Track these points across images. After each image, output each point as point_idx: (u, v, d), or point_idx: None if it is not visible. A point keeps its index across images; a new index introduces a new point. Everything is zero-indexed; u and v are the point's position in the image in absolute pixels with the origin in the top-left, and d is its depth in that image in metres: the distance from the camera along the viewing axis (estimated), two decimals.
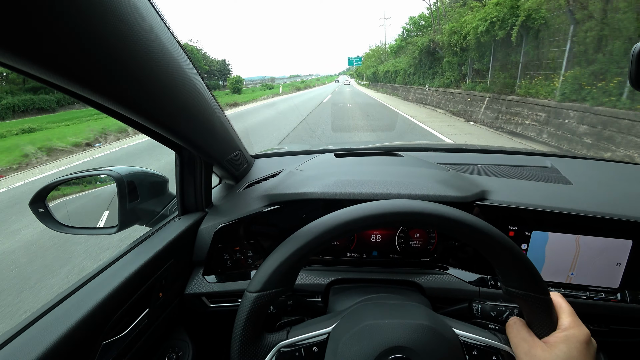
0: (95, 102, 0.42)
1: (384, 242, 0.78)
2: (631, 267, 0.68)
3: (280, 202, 0.78)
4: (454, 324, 0.47)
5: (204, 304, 0.75)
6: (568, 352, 0.39)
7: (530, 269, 0.42)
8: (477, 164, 1.01)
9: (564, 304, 0.44)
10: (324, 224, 0.43)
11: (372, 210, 0.43)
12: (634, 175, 0.98)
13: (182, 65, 0.50)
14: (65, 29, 0.30)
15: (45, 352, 0.40)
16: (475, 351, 0.44)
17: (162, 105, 0.49)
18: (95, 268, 0.58)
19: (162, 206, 0.86)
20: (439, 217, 0.42)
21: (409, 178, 0.78)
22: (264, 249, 0.80)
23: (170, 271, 0.68)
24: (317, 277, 0.74)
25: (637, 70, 0.68)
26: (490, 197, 0.74)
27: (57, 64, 0.32)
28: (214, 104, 0.66)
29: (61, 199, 0.79)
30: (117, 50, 0.36)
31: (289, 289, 0.45)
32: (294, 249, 0.43)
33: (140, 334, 0.58)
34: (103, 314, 0.49)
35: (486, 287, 0.72)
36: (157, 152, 6.13)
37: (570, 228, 0.69)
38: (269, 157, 1.16)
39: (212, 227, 0.77)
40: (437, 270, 0.76)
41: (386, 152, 1.09)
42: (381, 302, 0.53)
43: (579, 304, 0.69)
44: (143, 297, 0.60)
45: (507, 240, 0.41)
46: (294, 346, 0.45)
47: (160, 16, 0.45)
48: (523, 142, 6.70)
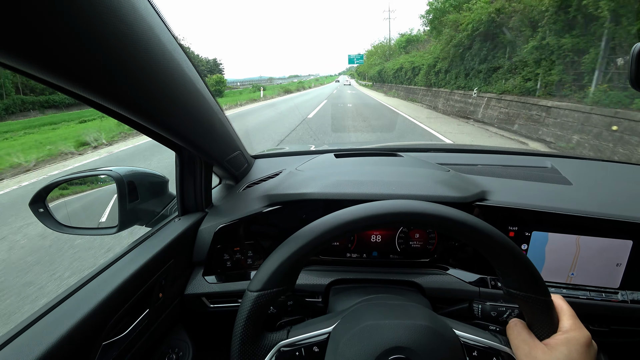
0: (95, 103, 0.42)
1: (384, 243, 0.77)
2: (631, 267, 0.68)
3: (280, 203, 0.78)
4: (454, 325, 0.47)
5: (204, 304, 0.75)
6: (568, 355, 0.39)
7: (531, 270, 0.42)
8: (477, 165, 1.01)
9: (564, 306, 0.44)
10: (325, 223, 0.43)
11: (372, 211, 0.43)
12: (634, 176, 0.98)
13: (182, 66, 0.50)
14: (65, 29, 0.30)
15: (45, 352, 0.40)
16: (475, 352, 0.44)
17: (162, 105, 0.49)
18: (95, 268, 0.58)
19: (162, 206, 0.86)
20: (439, 218, 0.42)
21: (409, 178, 0.78)
22: (264, 250, 0.80)
23: (170, 271, 0.68)
24: (317, 278, 0.74)
25: (637, 71, 0.68)
26: (491, 198, 0.74)
27: (56, 64, 0.32)
28: (213, 104, 0.66)
29: (61, 199, 0.80)
30: (117, 50, 0.36)
31: (289, 288, 0.45)
32: (295, 249, 0.43)
33: (140, 335, 0.58)
34: (103, 315, 0.49)
35: (486, 287, 0.72)
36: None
37: (571, 228, 0.69)
38: (269, 158, 1.16)
39: (212, 227, 0.77)
40: (437, 270, 0.76)
41: (386, 152, 1.09)
42: (381, 303, 0.53)
43: (579, 304, 0.69)
44: (143, 298, 0.60)
45: (508, 241, 0.41)
46: (294, 346, 0.45)
47: (160, 16, 0.45)
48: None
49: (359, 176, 0.78)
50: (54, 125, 14.83)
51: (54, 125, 14.57)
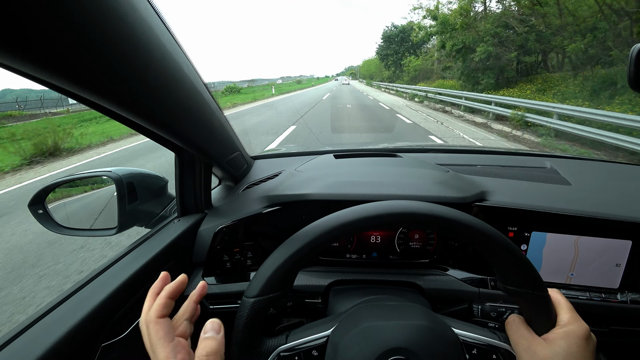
0: (95, 103, 0.42)
1: (383, 243, 0.77)
2: (631, 267, 0.68)
3: (280, 203, 0.78)
4: (453, 324, 0.47)
5: (203, 305, 0.75)
6: (567, 348, 0.39)
7: (528, 267, 0.42)
8: (476, 165, 1.01)
9: (562, 299, 0.44)
10: (321, 226, 0.43)
11: (371, 212, 0.43)
12: (633, 176, 0.99)
13: (181, 66, 0.50)
14: (65, 29, 0.30)
15: (44, 354, 0.40)
16: (475, 350, 0.44)
17: (162, 106, 0.49)
18: (94, 269, 0.58)
19: (161, 207, 0.86)
20: (439, 218, 0.42)
21: (408, 179, 0.78)
22: (264, 250, 0.80)
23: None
24: (316, 279, 0.74)
25: (636, 72, 0.68)
26: (490, 198, 0.74)
27: (56, 64, 0.32)
28: (213, 105, 0.66)
29: (61, 201, 0.79)
30: (116, 50, 0.36)
31: (287, 292, 0.45)
32: (291, 253, 0.43)
33: (140, 336, 0.58)
34: (102, 316, 0.49)
35: (486, 288, 0.72)
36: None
37: (570, 229, 0.69)
38: (268, 158, 1.16)
39: (212, 228, 0.77)
40: (437, 271, 0.76)
41: (385, 153, 1.09)
42: (380, 304, 0.53)
43: (578, 304, 0.69)
44: (143, 299, 0.59)
45: (504, 239, 0.42)
46: (293, 350, 0.45)
47: (160, 17, 0.45)
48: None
49: (358, 177, 0.78)
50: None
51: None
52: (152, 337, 0.37)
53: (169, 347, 0.36)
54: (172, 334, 0.38)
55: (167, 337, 0.37)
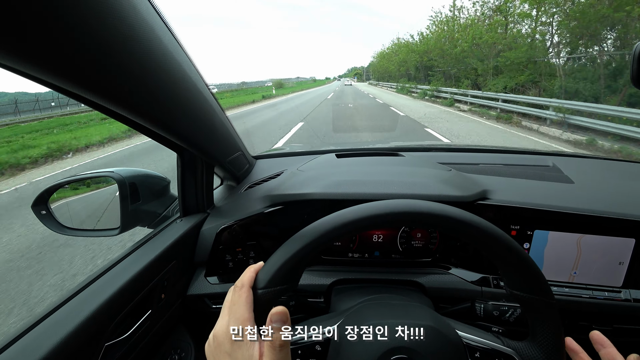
0: (97, 104, 0.42)
1: (386, 242, 0.77)
2: (634, 265, 0.68)
3: (282, 203, 0.78)
4: (457, 326, 0.47)
5: (206, 304, 0.75)
6: None
7: (535, 272, 0.41)
8: (478, 164, 1.00)
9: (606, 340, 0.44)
10: (329, 222, 0.43)
11: (376, 210, 0.43)
12: (636, 174, 0.98)
13: (183, 66, 0.51)
14: (66, 30, 0.30)
15: (48, 353, 0.40)
16: (477, 353, 0.44)
17: (164, 106, 0.50)
18: (97, 270, 0.58)
19: (163, 208, 0.87)
20: (442, 217, 0.42)
21: (411, 178, 0.78)
22: (266, 250, 0.80)
23: (173, 272, 0.68)
24: (319, 278, 0.74)
25: (639, 70, 0.67)
26: (492, 197, 0.74)
27: (57, 65, 0.32)
28: (215, 105, 0.66)
29: (63, 201, 0.80)
30: (118, 51, 0.36)
31: (293, 286, 0.45)
32: (299, 247, 0.43)
33: (143, 336, 0.58)
34: (106, 316, 0.50)
35: (488, 286, 0.72)
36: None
37: (573, 227, 0.69)
38: (270, 158, 1.16)
39: (214, 228, 0.77)
40: (439, 270, 0.76)
41: (387, 152, 1.09)
42: (384, 302, 0.53)
43: (582, 303, 0.69)
44: (145, 299, 0.60)
45: (512, 242, 0.41)
46: (297, 344, 0.45)
47: (162, 17, 0.45)
48: None
49: (360, 176, 0.78)
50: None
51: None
52: (239, 299, 0.40)
53: (252, 314, 0.39)
54: (252, 307, 0.41)
55: (251, 306, 0.40)
